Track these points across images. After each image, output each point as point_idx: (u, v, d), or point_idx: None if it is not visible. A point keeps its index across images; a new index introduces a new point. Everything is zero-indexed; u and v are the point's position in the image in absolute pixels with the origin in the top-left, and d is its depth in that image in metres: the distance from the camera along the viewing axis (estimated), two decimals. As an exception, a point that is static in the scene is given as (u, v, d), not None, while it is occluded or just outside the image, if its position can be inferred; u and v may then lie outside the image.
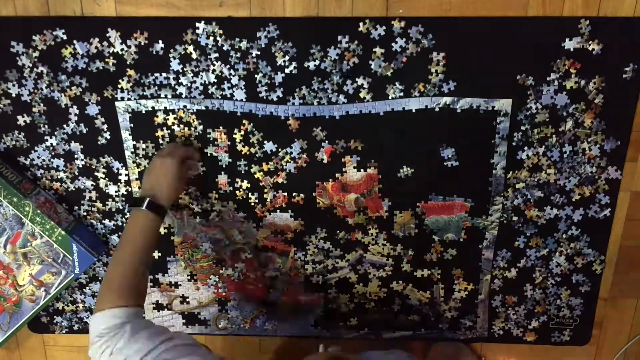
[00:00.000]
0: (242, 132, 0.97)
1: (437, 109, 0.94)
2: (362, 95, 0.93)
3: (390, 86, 0.92)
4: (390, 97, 0.93)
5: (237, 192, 1.02)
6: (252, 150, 0.98)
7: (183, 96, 0.95)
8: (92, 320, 0.78)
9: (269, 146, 0.98)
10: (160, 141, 0.98)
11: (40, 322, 1.17)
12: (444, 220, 1.03)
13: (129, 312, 0.78)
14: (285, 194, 1.01)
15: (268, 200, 1.02)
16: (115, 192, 1.03)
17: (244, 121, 0.96)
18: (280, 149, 0.98)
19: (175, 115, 0.96)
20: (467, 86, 0.92)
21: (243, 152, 0.99)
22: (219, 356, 0.79)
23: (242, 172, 1.00)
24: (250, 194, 1.02)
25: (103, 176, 1.02)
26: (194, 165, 0.99)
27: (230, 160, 0.99)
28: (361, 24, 0.89)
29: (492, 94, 0.93)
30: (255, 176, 1.00)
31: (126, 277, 0.82)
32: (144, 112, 0.97)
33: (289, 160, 0.99)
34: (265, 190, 1.01)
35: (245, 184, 1.01)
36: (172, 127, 0.97)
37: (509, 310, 1.11)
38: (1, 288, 1.06)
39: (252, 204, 1.03)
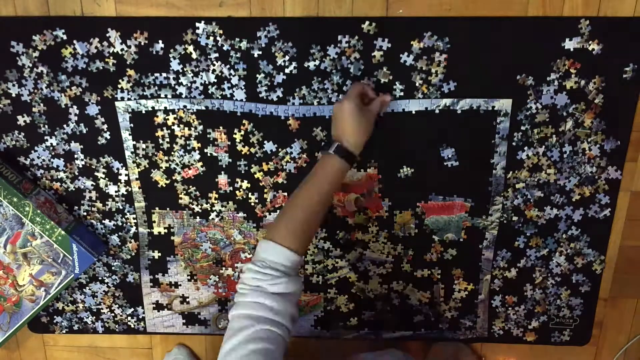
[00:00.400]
0: (242, 132, 0.97)
1: (437, 111, 0.94)
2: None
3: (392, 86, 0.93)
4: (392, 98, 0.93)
5: (237, 192, 1.02)
6: (252, 150, 0.98)
7: (183, 96, 0.95)
8: (268, 245, 0.78)
9: (269, 146, 0.98)
10: (160, 141, 0.98)
11: (40, 322, 1.17)
12: (444, 221, 1.03)
13: (297, 261, 0.79)
14: (285, 194, 1.01)
15: (268, 200, 1.02)
16: (115, 192, 1.03)
17: (244, 121, 0.96)
18: (280, 149, 0.98)
19: (175, 115, 0.97)
20: (467, 86, 0.92)
21: (243, 152, 0.99)
22: None
23: (242, 172, 1.00)
24: (250, 193, 1.02)
25: (103, 176, 1.02)
26: (375, 102, 0.91)
27: (230, 160, 0.99)
28: (363, 25, 0.89)
29: (492, 94, 0.93)
30: (255, 176, 1.00)
31: (307, 223, 0.82)
32: (144, 112, 0.97)
33: (289, 160, 0.99)
34: (265, 190, 1.01)
35: (245, 184, 1.01)
36: (172, 127, 0.97)
37: (509, 310, 1.11)
38: (1, 288, 1.06)
39: (252, 204, 1.03)
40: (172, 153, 0.99)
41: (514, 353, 1.17)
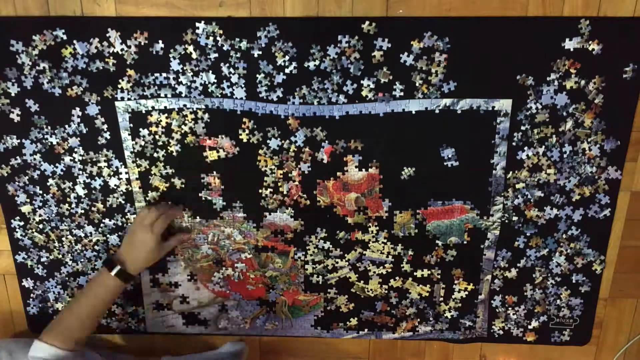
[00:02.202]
0: (246, 131, 0.97)
1: (437, 111, 0.94)
2: (363, 94, 0.93)
3: (392, 85, 0.93)
4: (392, 98, 0.93)
5: (237, 192, 1.02)
6: (254, 145, 0.98)
7: (183, 95, 0.95)
8: (36, 345, 0.93)
9: (273, 143, 0.98)
10: (157, 137, 0.98)
11: (40, 322, 1.16)
12: (446, 225, 1.03)
13: (60, 354, 0.92)
14: (298, 183, 1.00)
15: (284, 192, 1.01)
16: (115, 191, 1.03)
17: (244, 119, 0.96)
18: (283, 142, 0.97)
19: (175, 115, 0.96)
20: (467, 86, 0.92)
21: (245, 150, 0.99)
22: None
23: (244, 172, 1.00)
24: (252, 193, 1.02)
25: (103, 176, 1.02)
26: (178, 238, 1.04)
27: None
28: (363, 25, 0.89)
29: (492, 94, 0.93)
30: (262, 169, 1.00)
31: (75, 328, 0.95)
32: (144, 112, 0.97)
33: (295, 149, 0.98)
34: (280, 184, 1.01)
35: (248, 185, 1.01)
36: (172, 127, 0.97)
37: (509, 310, 1.11)
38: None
39: (253, 203, 1.03)
40: (172, 153, 0.99)
41: (514, 353, 1.17)
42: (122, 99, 0.96)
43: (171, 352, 1.18)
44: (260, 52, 0.91)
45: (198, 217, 1.04)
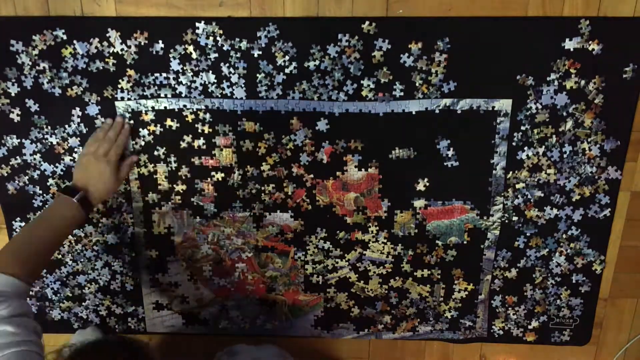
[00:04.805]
0: (246, 130, 0.97)
1: (437, 111, 0.94)
2: (363, 94, 0.93)
3: (392, 86, 0.93)
4: (392, 98, 0.93)
5: (237, 191, 1.02)
6: (256, 146, 0.98)
7: (183, 95, 0.95)
8: None
9: (272, 140, 0.98)
10: (160, 140, 0.98)
11: (40, 322, 1.16)
12: (445, 225, 1.03)
13: (21, 286, 0.80)
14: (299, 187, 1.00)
15: (289, 192, 1.01)
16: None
17: (243, 119, 0.96)
18: (283, 137, 0.97)
19: (175, 115, 0.96)
20: (467, 86, 0.92)
21: (247, 149, 0.99)
22: None
23: (245, 171, 1.00)
24: (252, 192, 1.02)
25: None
26: (130, 162, 0.98)
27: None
28: (363, 25, 0.89)
29: (492, 94, 0.93)
30: (263, 169, 1.00)
31: (32, 253, 0.84)
32: (144, 112, 0.97)
33: (293, 147, 0.98)
34: (285, 184, 1.01)
35: (251, 185, 1.01)
36: (172, 127, 0.97)
37: (509, 310, 1.11)
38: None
39: (253, 204, 1.03)
40: (172, 153, 0.99)
41: (514, 353, 1.17)
42: (122, 99, 0.96)
43: (172, 352, 1.18)
44: (260, 52, 0.91)
45: (198, 217, 1.04)
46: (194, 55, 0.92)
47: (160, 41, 0.91)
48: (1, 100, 0.96)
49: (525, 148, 0.96)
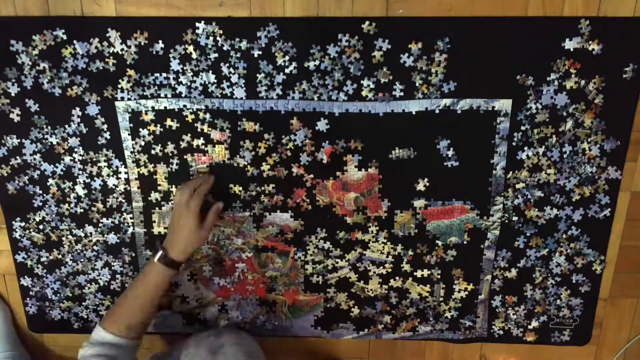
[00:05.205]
0: (246, 130, 0.97)
1: (437, 111, 0.94)
2: (363, 94, 0.93)
3: (391, 86, 0.93)
4: (392, 98, 0.93)
5: (238, 192, 1.02)
6: (256, 147, 0.98)
7: (183, 95, 0.95)
8: (99, 332, 0.95)
9: (272, 141, 0.98)
10: (159, 140, 0.98)
11: (40, 321, 1.17)
12: (445, 225, 1.03)
13: (127, 343, 0.95)
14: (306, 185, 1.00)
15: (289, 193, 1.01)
16: (114, 191, 1.03)
17: (243, 119, 0.96)
18: (283, 137, 0.97)
19: (175, 115, 0.96)
20: (467, 86, 0.92)
21: (246, 148, 0.99)
22: None
23: (245, 171, 1.00)
24: (252, 192, 1.02)
25: (102, 175, 1.02)
26: (210, 217, 0.98)
27: (232, 159, 1.00)
28: (363, 25, 0.89)
29: (492, 94, 0.93)
30: (262, 169, 1.00)
31: (128, 315, 0.95)
32: (144, 112, 0.97)
33: (292, 147, 0.98)
34: (283, 185, 1.01)
35: (251, 185, 1.01)
36: (172, 127, 0.97)
37: (509, 310, 1.11)
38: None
39: (253, 204, 1.03)
40: (172, 153, 0.99)
41: (514, 353, 1.17)
42: (122, 99, 0.96)
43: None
44: (260, 52, 0.91)
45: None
46: (194, 55, 0.92)
47: (160, 41, 0.91)
48: (1, 100, 0.97)
49: (525, 148, 0.96)
